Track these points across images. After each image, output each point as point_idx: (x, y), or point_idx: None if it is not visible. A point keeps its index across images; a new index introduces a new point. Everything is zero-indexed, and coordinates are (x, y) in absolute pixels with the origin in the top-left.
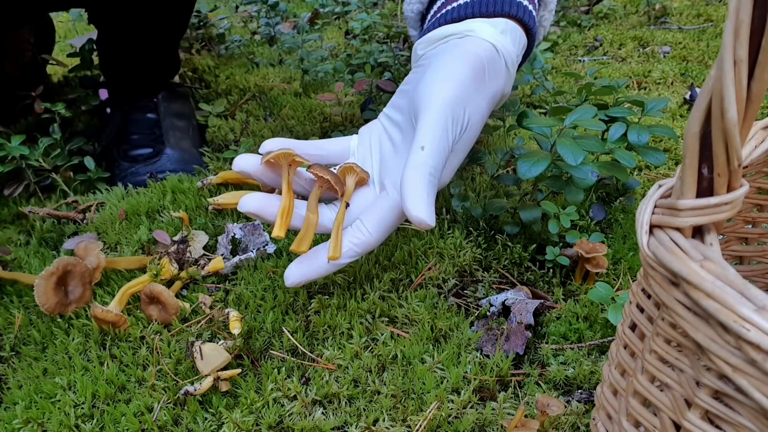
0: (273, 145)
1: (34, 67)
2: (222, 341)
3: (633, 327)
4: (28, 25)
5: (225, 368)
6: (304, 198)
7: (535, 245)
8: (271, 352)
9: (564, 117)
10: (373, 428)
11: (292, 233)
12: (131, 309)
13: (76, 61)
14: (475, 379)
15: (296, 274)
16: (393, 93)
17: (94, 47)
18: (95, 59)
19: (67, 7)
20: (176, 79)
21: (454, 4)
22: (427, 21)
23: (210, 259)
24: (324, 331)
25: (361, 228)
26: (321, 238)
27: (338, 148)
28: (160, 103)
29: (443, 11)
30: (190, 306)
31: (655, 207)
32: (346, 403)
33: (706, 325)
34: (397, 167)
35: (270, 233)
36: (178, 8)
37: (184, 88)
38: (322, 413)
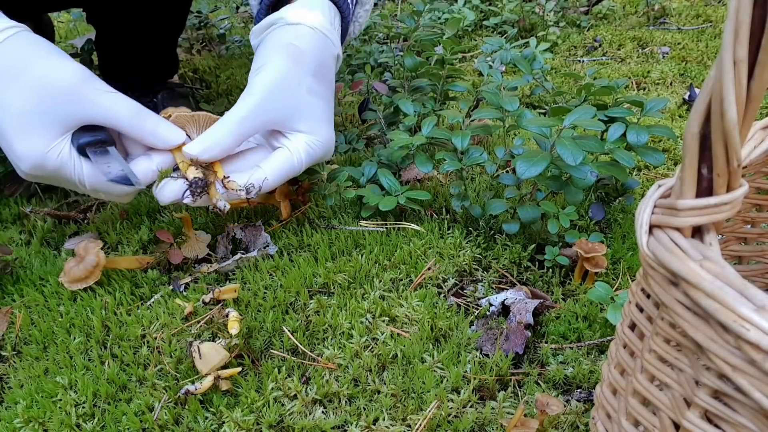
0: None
1: None
2: (221, 340)
3: (632, 326)
4: (26, 24)
5: (225, 367)
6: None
7: (534, 245)
8: (272, 351)
9: (563, 117)
10: (373, 427)
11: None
12: (132, 310)
13: (78, 60)
14: (474, 378)
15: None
16: (387, 94)
17: (94, 47)
18: (95, 59)
19: (65, 7)
20: (176, 79)
21: None
22: (257, 8)
23: (211, 258)
24: (324, 330)
25: (259, 171)
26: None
27: None
28: (161, 103)
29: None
30: (192, 305)
31: (655, 207)
32: (346, 402)
33: (705, 324)
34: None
35: (270, 234)
36: (175, 8)
37: (184, 89)
38: (323, 412)
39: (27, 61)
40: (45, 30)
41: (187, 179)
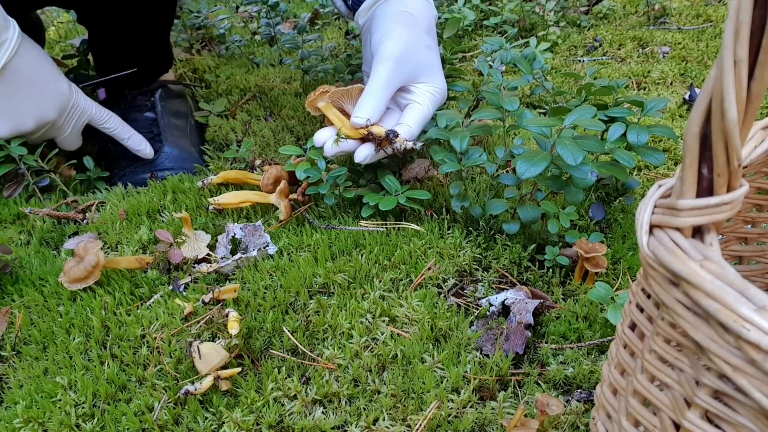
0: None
1: None
2: (221, 340)
3: (633, 327)
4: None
5: (224, 367)
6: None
7: (534, 245)
8: (272, 351)
9: (564, 117)
10: (373, 427)
11: (293, 235)
12: (131, 310)
13: (75, 62)
14: (474, 378)
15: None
16: None
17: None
18: (92, 59)
19: (48, 5)
20: (172, 75)
21: None
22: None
23: (211, 258)
24: (324, 330)
25: (404, 126)
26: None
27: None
28: (158, 102)
29: None
30: (192, 305)
31: (655, 207)
32: (346, 402)
33: (706, 324)
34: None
35: (270, 234)
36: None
37: (180, 86)
38: (323, 413)
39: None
40: (33, 29)
41: (380, 135)
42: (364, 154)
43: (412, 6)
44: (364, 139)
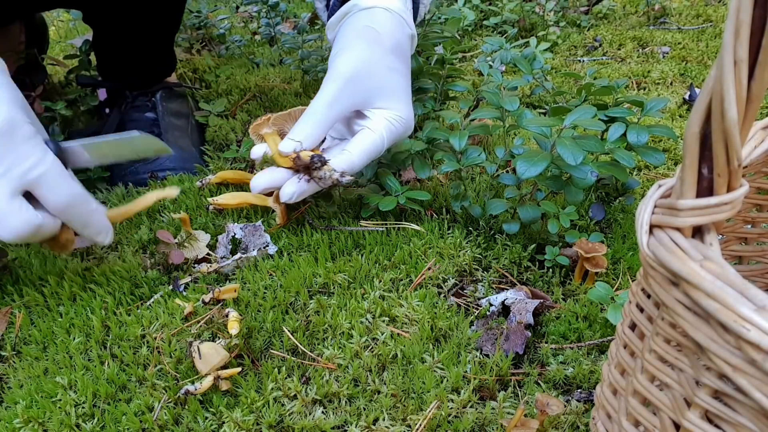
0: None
1: (34, 66)
2: (221, 340)
3: (633, 326)
4: (18, 23)
5: (225, 367)
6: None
7: (534, 245)
8: (272, 351)
9: (564, 117)
10: (373, 427)
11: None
12: (131, 310)
13: (76, 62)
14: (474, 378)
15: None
16: None
17: (91, 48)
18: (93, 60)
19: (56, 7)
20: (174, 78)
21: None
22: (329, 3)
23: (211, 258)
24: (324, 330)
25: (345, 153)
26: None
27: None
28: (159, 102)
29: None
30: (192, 305)
31: (655, 207)
32: (346, 402)
33: (706, 324)
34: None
35: (270, 234)
36: (171, 4)
37: (182, 88)
38: (323, 412)
39: None
40: (37, 29)
41: (305, 161)
42: (290, 191)
43: (378, 22)
44: (297, 171)
